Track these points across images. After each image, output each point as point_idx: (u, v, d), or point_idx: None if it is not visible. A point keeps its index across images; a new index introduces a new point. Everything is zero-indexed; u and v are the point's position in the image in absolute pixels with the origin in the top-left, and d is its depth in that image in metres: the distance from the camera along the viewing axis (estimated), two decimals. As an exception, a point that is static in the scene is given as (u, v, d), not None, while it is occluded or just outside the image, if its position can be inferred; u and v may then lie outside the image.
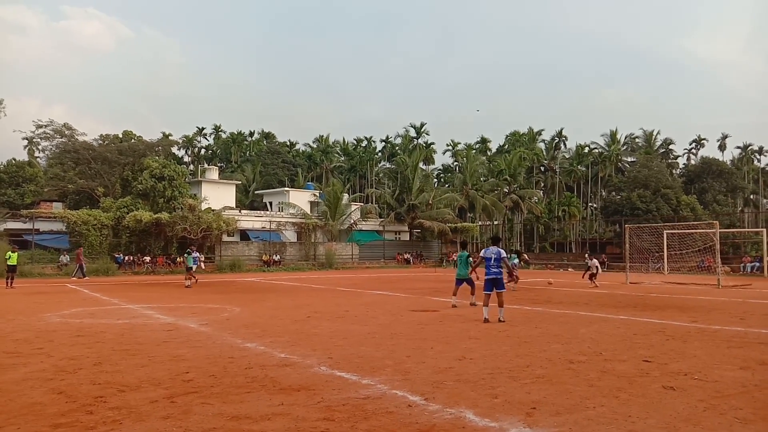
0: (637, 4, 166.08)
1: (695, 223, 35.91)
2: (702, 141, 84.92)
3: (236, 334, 9.97)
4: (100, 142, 45.51)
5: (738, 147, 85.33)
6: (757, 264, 32.94)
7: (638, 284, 23.64)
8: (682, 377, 6.51)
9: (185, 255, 23.20)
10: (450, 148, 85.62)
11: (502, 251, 11.90)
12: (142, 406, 5.33)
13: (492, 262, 11.69)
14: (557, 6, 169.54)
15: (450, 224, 51.74)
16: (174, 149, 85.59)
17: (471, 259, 14.50)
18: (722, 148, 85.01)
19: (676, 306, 14.78)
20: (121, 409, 5.23)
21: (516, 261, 22.60)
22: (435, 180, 78.91)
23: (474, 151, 79.49)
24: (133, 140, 46.47)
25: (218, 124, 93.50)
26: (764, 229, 36.33)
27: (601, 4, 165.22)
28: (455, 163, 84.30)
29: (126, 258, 36.08)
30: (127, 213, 36.29)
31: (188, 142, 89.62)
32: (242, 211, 49.67)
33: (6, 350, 8.45)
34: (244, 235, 46.07)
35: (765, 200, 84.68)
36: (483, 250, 12.36)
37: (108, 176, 43.77)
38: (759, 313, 13.13)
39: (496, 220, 68.92)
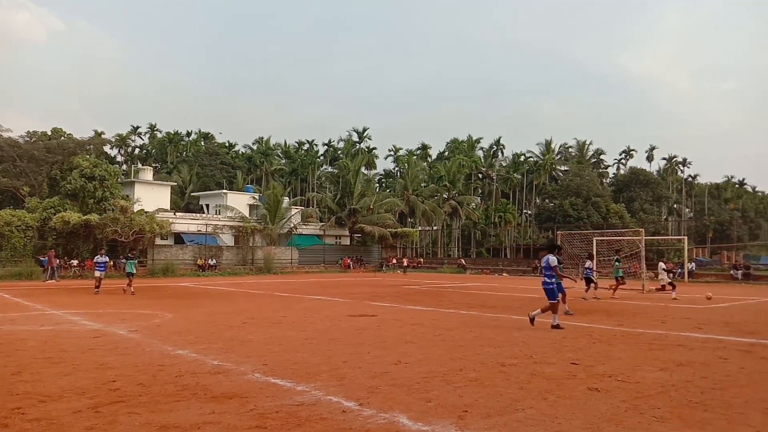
0: (573, 21, 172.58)
1: (623, 230, 37.54)
2: (631, 152, 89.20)
3: (167, 340, 9.68)
4: (27, 139, 43.37)
5: (664, 158, 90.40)
6: (679, 270, 34.75)
7: (568, 289, 24.44)
8: (606, 379, 6.79)
9: (124, 260, 22.34)
10: (392, 153, 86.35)
11: (551, 258, 11.32)
12: (64, 417, 5.10)
13: (542, 270, 11.55)
14: (497, 21, 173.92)
15: (390, 229, 52.11)
16: (106, 148, 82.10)
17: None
18: (650, 159, 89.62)
19: (603, 310, 15.39)
20: (41, 421, 4.98)
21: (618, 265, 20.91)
22: (376, 185, 79.32)
23: (415, 157, 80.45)
24: (62, 138, 44.52)
25: (154, 123, 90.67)
26: (686, 237, 38.49)
27: (539, 21, 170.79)
28: (396, 169, 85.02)
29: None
30: (54, 214, 34.71)
31: (122, 141, 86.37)
32: (177, 214, 48.31)
33: None
34: (179, 238, 44.81)
35: (687, 209, 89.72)
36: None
37: (34, 175, 41.71)
38: (679, 317, 13.85)
39: (435, 226, 69.92)
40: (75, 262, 34.91)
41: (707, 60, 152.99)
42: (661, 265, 21.34)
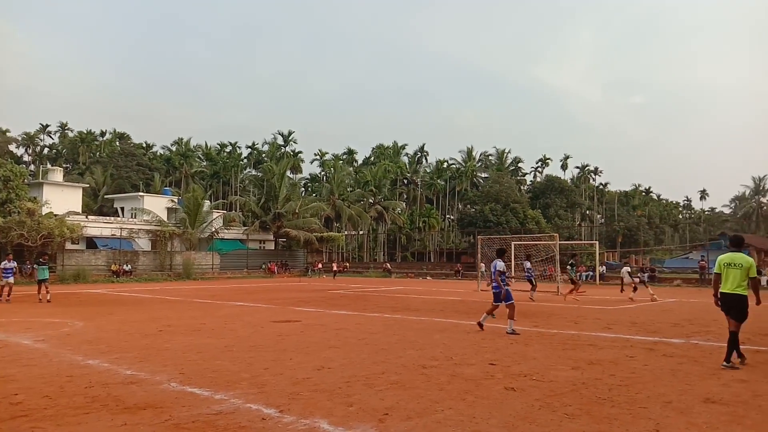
0: (491, 34, 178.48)
1: (539, 235, 39.03)
2: (547, 160, 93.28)
3: (77, 350, 9.18)
4: None
5: (577, 167, 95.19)
6: (591, 273, 36.57)
7: (488, 291, 25.17)
8: (522, 378, 7.04)
9: (35, 266, 20.87)
10: (318, 157, 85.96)
11: (498, 263, 11.63)
12: (-43, 436, 4.74)
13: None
14: (416, 31, 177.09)
15: (316, 234, 51.74)
16: (12, 147, 77.30)
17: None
18: (564, 167, 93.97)
19: (520, 311, 15.82)
20: (-70, 441, 4.61)
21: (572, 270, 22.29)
22: (302, 189, 78.68)
23: (341, 161, 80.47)
24: (-40, 135, 41.36)
25: (65, 122, 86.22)
26: (597, 242, 40.54)
27: (458, 33, 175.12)
28: (322, 173, 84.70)
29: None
30: (-49, 217, 32.20)
31: (29, 140, 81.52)
32: (89, 217, 45.98)
33: None
34: (91, 242, 42.62)
35: (598, 215, 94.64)
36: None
37: (-73, 174, 38.39)
38: (590, 318, 14.58)
39: (361, 230, 70.14)
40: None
41: (617, 75, 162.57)
42: (626, 268, 22.42)
